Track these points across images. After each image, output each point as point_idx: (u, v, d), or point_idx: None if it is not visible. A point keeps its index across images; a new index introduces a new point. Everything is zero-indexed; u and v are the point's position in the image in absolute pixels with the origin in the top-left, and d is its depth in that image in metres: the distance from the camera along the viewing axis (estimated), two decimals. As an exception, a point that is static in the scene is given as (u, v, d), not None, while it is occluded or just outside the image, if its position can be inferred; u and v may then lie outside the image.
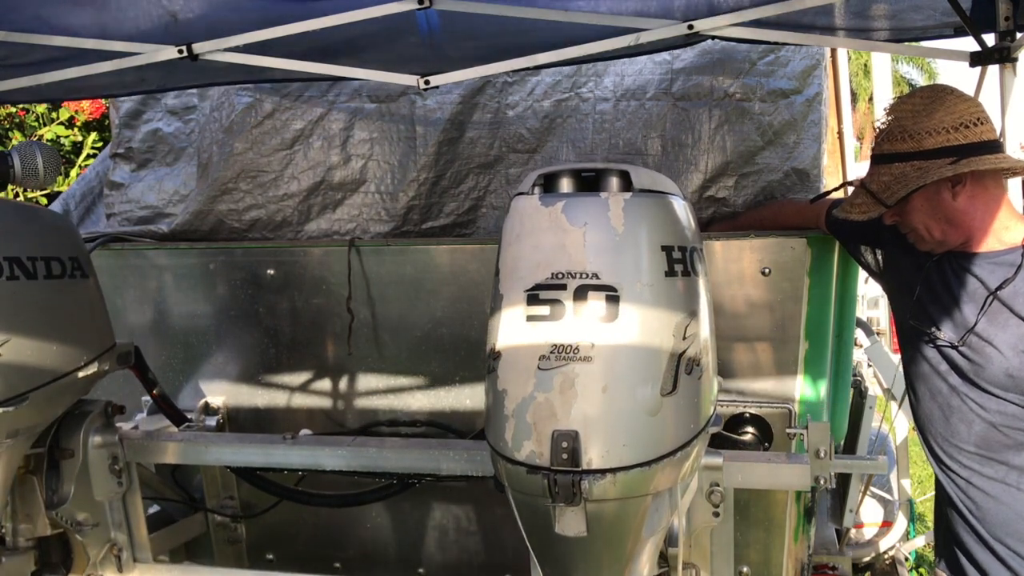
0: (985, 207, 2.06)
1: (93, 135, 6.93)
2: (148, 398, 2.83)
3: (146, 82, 2.82)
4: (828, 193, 2.44)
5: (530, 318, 1.43)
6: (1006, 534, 2.11)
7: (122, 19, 2.51)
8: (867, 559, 4.09)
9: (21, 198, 5.68)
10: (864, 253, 2.46)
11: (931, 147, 2.00)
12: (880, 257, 2.42)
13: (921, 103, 2.06)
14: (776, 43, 2.53)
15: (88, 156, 6.74)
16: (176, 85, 3.02)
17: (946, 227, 2.07)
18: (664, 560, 1.86)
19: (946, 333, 2.12)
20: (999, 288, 2.02)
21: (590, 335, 1.41)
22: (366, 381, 2.94)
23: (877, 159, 2.12)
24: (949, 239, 2.09)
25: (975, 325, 2.04)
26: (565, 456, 1.39)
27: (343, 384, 2.97)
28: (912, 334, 2.24)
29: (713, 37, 2.44)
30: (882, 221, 2.18)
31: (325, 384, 2.98)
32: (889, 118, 2.10)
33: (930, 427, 2.24)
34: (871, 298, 8.09)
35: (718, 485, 1.97)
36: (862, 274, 2.75)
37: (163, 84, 2.90)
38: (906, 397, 2.43)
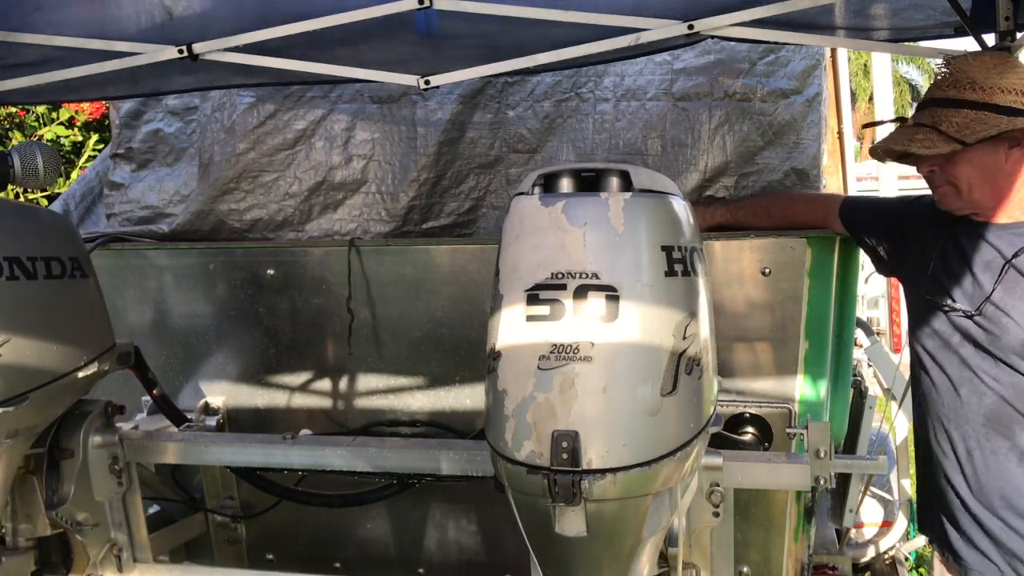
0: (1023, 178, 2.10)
1: (94, 136, 6.93)
2: (148, 398, 2.83)
3: (140, 85, 2.80)
4: (878, 123, 2.50)
5: (530, 318, 1.43)
6: (1004, 507, 2.12)
7: (121, 18, 2.50)
8: (867, 559, 4.10)
9: (21, 198, 5.67)
10: (876, 241, 2.45)
11: (1002, 103, 2.02)
12: (894, 242, 2.41)
13: (992, 62, 2.08)
14: (776, 43, 2.53)
15: (89, 157, 6.74)
16: (170, 89, 3.00)
17: (986, 187, 2.10)
18: (664, 560, 1.86)
19: (962, 303, 2.14)
20: (1015, 256, 2.07)
21: (590, 335, 1.41)
22: (366, 381, 2.94)
23: (939, 102, 2.10)
24: (981, 201, 2.11)
25: (991, 294, 2.07)
26: (565, 456, 1.39)
27: (343, 384, 2.97)
28: (926, 308, 2.24)
29: (713, 37, 2.44)
30: (923, 191, 2.26)
31: (325, 384, 2.98)
32: (953, 68, 2.11)
33: (936, 400, 2.23)
34: (871, 298, 8.10)
35: (718, 485, 1.97)
36: (862, 274, 2.75)
37: (157, 88, 2.88)
38: (907, 397, 2.45)
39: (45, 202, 6.12)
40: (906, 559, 4.41)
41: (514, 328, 1.46)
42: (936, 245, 2.23)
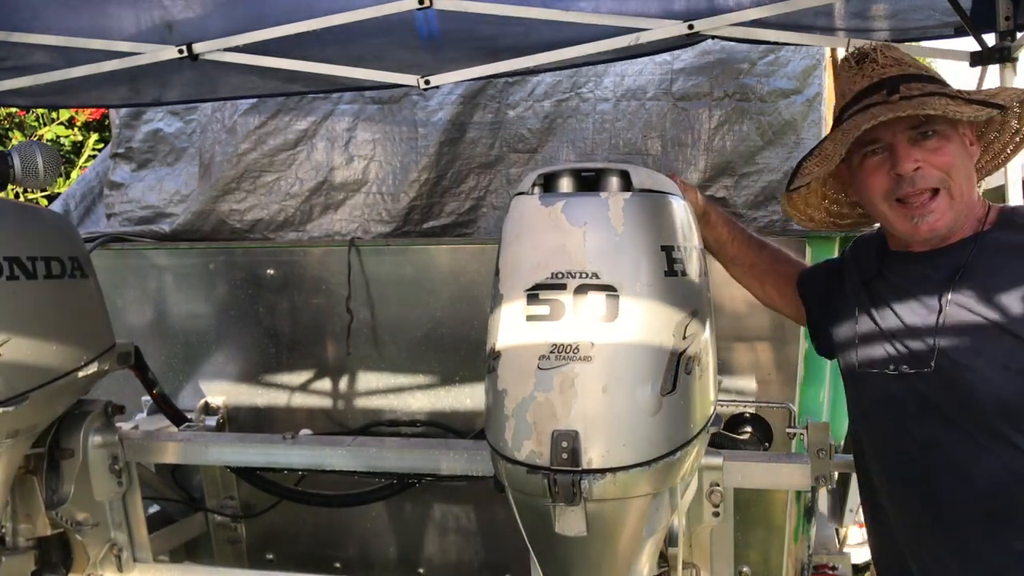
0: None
1: (94, 136, 6.93)
2: (148, 398, 2.83)
3: (140, 94, 2.80)
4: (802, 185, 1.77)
5: (530, 318, 1.43)
6: None
7: (121, 18, 2.51)
8: (867, 559, 4.09)
9: (21, 198, 5.67)
10: (819, 312, 1.94)
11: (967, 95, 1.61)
12: (828, 308, 1.90)
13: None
14: (776, 43, 2.53)
15: (89, 157, 6.74)
16: (170, 100, 2.99)
17: (965, 182, 1.61)
18: (664, 560, 1.86)
19: (904, 362, 1.63)
20: (950, 286, 1.58)
21: (590, 335, 1.41)
22: (366, 381, 2.94)
23: (918, 78, 1.64)
24: (958, 203, 1.60)
25: (936, 343, 1.58)
26: (565, 456, 1.39)
27: (343, 384, 2.97)
28: (862, 382, 1.74)
29: (713, 37, 2.44)
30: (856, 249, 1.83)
31: (325, 384, 2.98)
32: (891, 56, 1.69)
33: (908, 507, 1.67)
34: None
35: (718, 485, 1.96)
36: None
37: (158, 98, 2.87)
38: None
39: (45, 202, 6.12)
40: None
41: (514, 328, 1.46)
42: (859, 296, 1.76)
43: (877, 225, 1.85)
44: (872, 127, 1.57)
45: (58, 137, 6.85)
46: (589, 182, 1.53)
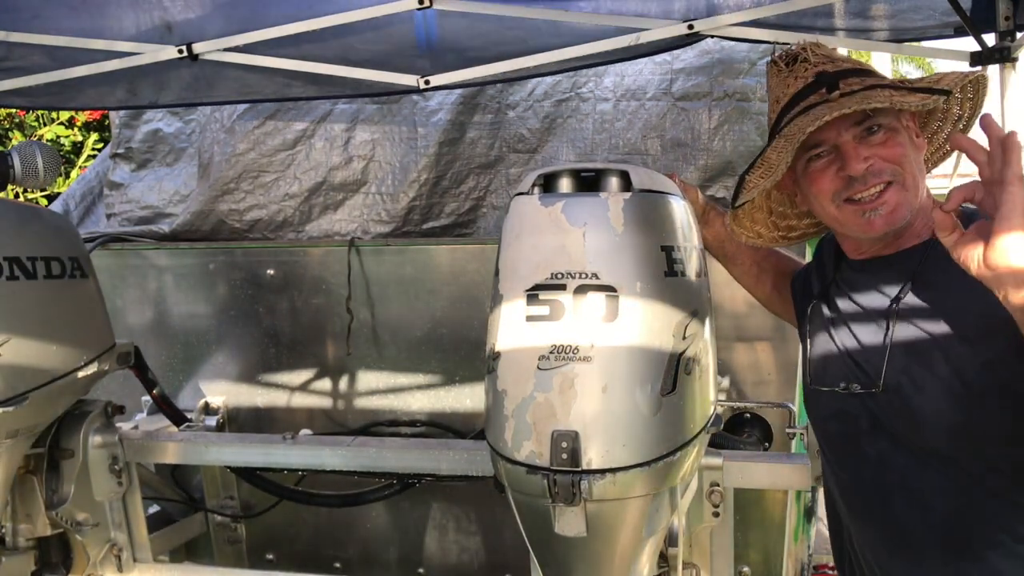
0: None
1: (94, 136, 6.93)
2: (148, 398, 2.83)
3: (137, 96, 2.79)
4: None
5: (530, 318, 1.43)
6: None
7: (120, 18, 2.51)
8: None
9: (21, 198, 5.67)
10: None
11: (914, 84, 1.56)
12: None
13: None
14: (776, 43, 2.53)
15: (88, 157, 6.74)
16: (167, 102, 2.97)
17: (918, 174, 1.54)
18: (664, 560, 1.86)
19: (854, 379, 1.56)
20: (897, 299, 1.51)
21: (590, 335, 1.41)
22: (366, 381, 2.94)
23: (856, 72, 1.58)
24: (911, 193, 1.53)
25: (886, 359, 1.50)
26: (565, 456, 1.39)
27: (343, 384, 2.97)
28: (816, 401, 1.68)
29: (713, 36, 2.44)
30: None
31: (325, 384, 2.98)
32: (822, 54, 1.64)
33: (855, 521, 1.64)
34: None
35: (718, 485, 1.96)
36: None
37: (155, 100, 2.86)
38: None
39: (45, 202, 6.12)
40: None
41: (514, 328, 1.45)
42: (816, 306, 1.70)
43: None
44: (815, 130, 1.48)
45: (58, 137, 6.86)
46: (589, 182, 1.53)
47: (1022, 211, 1.19)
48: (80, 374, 2.24)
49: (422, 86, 2.55)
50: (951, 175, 3.99)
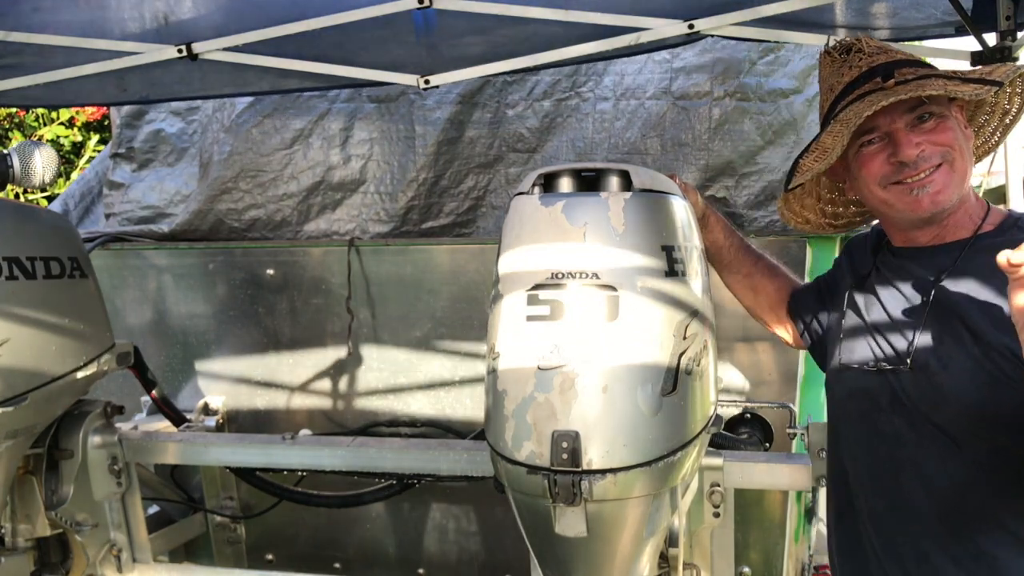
0: None
1: (95, 137, 6.93)
2: (147, 398, 2.83)
3: (128, 93, 2.78)
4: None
5: (530, 318, 1.43)
6: None
7: (121, 20, 2.50)
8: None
9: (21, 198, 5.67)
10: (811, 323, 1.94)
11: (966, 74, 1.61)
12: (824, 315, 1.90)
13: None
14: (776, 42, 2.52)
15: (90, 159, 6.74)
16: (160, 97, 2.98)
17: (967, 163, 1.60)
18: (664, 560, 1.86)
19: (883, 356, 1.63)
20: (938, 281, 1.56)
21: (590, 335, 1.40)
22: (366, 381, 2.94)
23: (909, 63, 1.63)
24: (959, 176, 1.58)
25: (915, 338, 1.56)
26: (565, 456, 1.38)
27: (343, 384, 2.97)
28: (841, 375, 1.74)
29: (713, 36, 2.44)
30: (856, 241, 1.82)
31: (325, 384, 2.98)
32: (874, 45, 1.69)
33: (864, 493, 1.69)
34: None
35: (718, 485, 1.96)
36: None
37: (147, 95, 2.85)
38: None
39: (45, 202, 6.12)
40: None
41: (514, 328, 1.45)
42: (850, 294, 1.75)
43: (876, 222, 1.84)
44: (868, 116, 1.54)
45: (58, 137, 6.85)
46: (589, 182, 1.52)
47: None
48: (79, 374, 2.24)
49: (422, 85, 2.55)
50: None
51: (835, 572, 1.84)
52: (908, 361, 1.56)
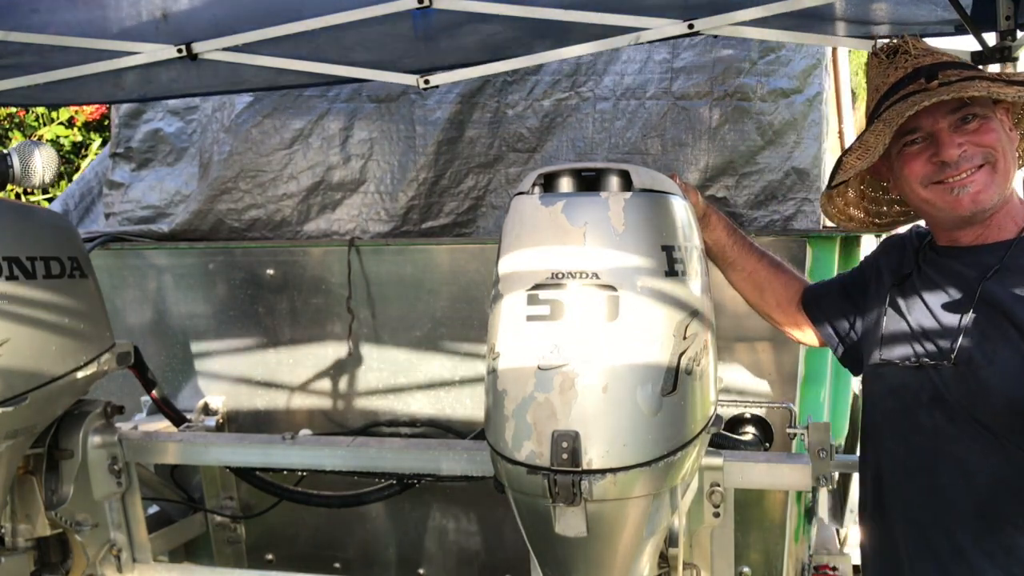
0: None
1: (97, 139, 6.93)
2: (147, 398, 2.83)
3: (125, 91, 2.77)
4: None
5: (530, 318, 1.43)
6: None
7: (120, 19, 2.50)
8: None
9: (21, 198, 5.67)
10: (849, 325, 1.94)
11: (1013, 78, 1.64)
12: (859, 315, 1.91)
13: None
14: (776, 42, 2.52)
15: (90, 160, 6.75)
16: (156, 95, 2.96)
17: (1010, 164, 1.62)
18: (664, 560, 1.86)
19: (925, 353, 1.64)
20: (984, 280, 1.59)
21: (590, 335, 1.40)
22: (366, 381, 2.94)
23: (952, 65, 1.66)
24: (1002, 178, 1.61)
25: (961, 336, 1.58)
26: (565, 456, 1.38)
27: (343, 384, 2.97)
28: (880, 371, 1.75)
29: (713, 35, 2.44)
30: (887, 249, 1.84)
31: (325, 384, 2.98)
32: (921, 46, 1.73)
33: (900, 487, 1.69)
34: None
35: (718, 485, 1.96)
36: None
37: (143, 93, 2.83)
38: None
39: (45, 202, 6.12)
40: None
41: (514, 328, 1.45)
42: (889, 294, 1.77)
43: (910, 225, 1.88)
44: (911, 116, 1.57)
45: (58, 137, 6.85)
46: (589, 182, 1.52)
47: None
48: (79, 374, 2.24)
49: (422, 85, 2.55)
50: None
51: (866, 567, 1.86)
52: (952, 357, 1.59)
